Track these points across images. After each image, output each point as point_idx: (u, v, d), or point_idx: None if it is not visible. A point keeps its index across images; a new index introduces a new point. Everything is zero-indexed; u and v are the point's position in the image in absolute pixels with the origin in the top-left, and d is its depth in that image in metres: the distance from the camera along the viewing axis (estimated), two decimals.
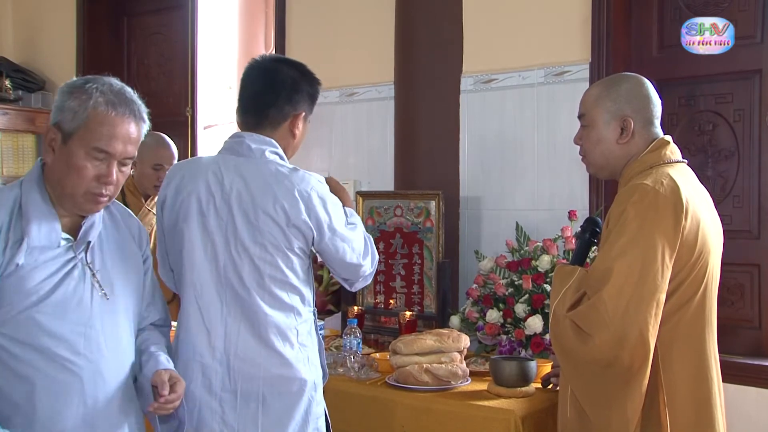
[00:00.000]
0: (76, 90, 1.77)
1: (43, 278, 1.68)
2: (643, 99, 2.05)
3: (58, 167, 1.74)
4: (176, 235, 2.15)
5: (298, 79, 2.23)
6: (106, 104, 1.76)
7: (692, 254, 1.89)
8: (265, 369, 2.07)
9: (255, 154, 2.14)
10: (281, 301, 2.09)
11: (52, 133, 1.74)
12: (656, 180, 1.91)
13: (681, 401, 1.90)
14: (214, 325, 2.09)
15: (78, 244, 1.76)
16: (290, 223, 2.06)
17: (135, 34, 5.06)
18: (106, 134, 1.74)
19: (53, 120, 1.76)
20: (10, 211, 1.70)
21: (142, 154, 3.49)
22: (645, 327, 1.82)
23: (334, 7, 3.94)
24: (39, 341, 1.67)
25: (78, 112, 1.73)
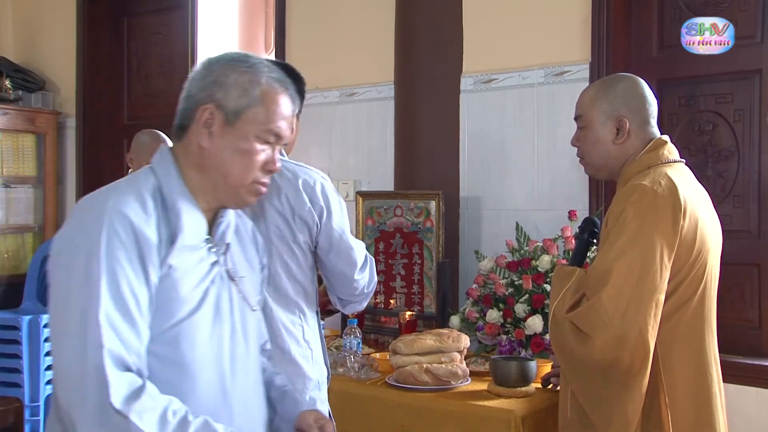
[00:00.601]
0: (239, 63, 1.51)
1: (194, 284, 1.43)
2: (638, 99, 2.05)
3: (219, 152, 1.47)
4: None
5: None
6: (277, 81, 1.52)
7: (691, 254, 1.89)
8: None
9: None
10: (287, 297, 2.11)
11: (208, 112, 1.46)
12: (654, 180, 1.91)
13: (681, 401, 1.90)
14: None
15: (218, 245, 1.51)
16: (295, 215, 2.08)
17: (135, 34, 5.06)
18: (278, 115, 1.50)
19: (208, 97, 1.47)
20: (156, 202, 1.43)
21: (140, 151, 3.53)
22: (645, 327, 1.82)
23: (334, 7, 3.94)
24: (192, 362, 1.41)
25: (248, 88, 1.48)
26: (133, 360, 1.32)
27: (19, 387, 4.30)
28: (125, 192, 1.42)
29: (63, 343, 1.32)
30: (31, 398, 4.27)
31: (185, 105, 1.51)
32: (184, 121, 1.51)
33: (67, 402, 1.31)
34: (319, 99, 3.89)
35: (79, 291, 1.32)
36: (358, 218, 3.40)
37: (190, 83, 1.52)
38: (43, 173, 5.02)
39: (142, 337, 1.35)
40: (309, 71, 3.99)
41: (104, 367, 1.27)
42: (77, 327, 1.29)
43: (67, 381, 1.31)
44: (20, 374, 4.27)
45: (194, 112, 1.48)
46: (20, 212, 4.98)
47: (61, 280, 1.35)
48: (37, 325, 4.27)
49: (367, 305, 3.28)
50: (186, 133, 1.51)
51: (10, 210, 4.92)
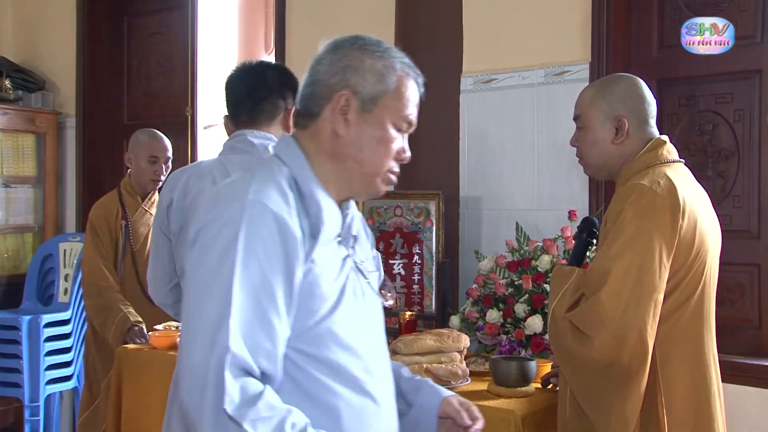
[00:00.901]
0: (373, 48, 1.45)
1: (332, 279, 1.38)
2: (637, 99, 2.05)
3: (355, 140, 1.42)
4: (185, 236, 2.13)
5: (283, 75, 2.27)
6: (409, 68, 1.48)
7: (690, 254, 1.89)
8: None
9: (258, 150, 2.15)
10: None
11: (344, 98, 1.41)
12: (653, 180, 1.91)
13: (679, 401, 1.90)
14: None
15: (347, 238, 1.46)
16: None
17: (135, 34, 5.06)
18: (412, 102, 1.47)
19: (342, 83, 1.42)
20: (293, 193, 1.36)
21: (137, 149, 3.54)
22: (644, 327, 1.82)
23: (334, 7, 3.94)
24: (338, 360, 1.36)
25: (385, 74, 1.43)
26: (262, 364, 1.27)
27: (18, 387, 4.30)
28: (265, 182, 1.34)
29: (192, 340, 1.27)
30: (31, 398, 4.28)
31: (312, 90, 1.45)
32: (313, 107, 1.44)
33: (189, 401, 1.26)
34: None
35: (213, 288, 1.27)
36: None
37: (316, 67, 1.47)
38: (43, 173, 5.03)
39: (278, 339, 1.29)
40: None
41: (224, 370, 1.22)
42: (208, 326, 1.25)
43: (190, 380, 1.26)
44: (20, 374, 4.28)
45: (326, 99, 1.42)
46: (20, 212, 4.98)
47: (197, 275, 1.30)
48: (37, 325, 4.28)
49: None
50: (315, 120, 1.44)
51: (10, 210, 4.92)
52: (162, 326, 3.28)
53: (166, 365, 2.97)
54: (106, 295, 3.36)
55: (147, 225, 3.56)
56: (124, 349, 3.14)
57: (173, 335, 3.12)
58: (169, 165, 3.59)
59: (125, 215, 3.53)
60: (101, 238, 3.48)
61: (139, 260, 3.51)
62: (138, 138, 3.59)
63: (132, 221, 3.53)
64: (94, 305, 3.39)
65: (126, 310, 3.31)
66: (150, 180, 3.54)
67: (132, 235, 3.51)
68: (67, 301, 4.54)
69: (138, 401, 3.02)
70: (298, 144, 1.44)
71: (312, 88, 1.45)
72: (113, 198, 3.58)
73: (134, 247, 3.52)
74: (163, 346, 3.08)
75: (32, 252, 4.93)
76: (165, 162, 3.56)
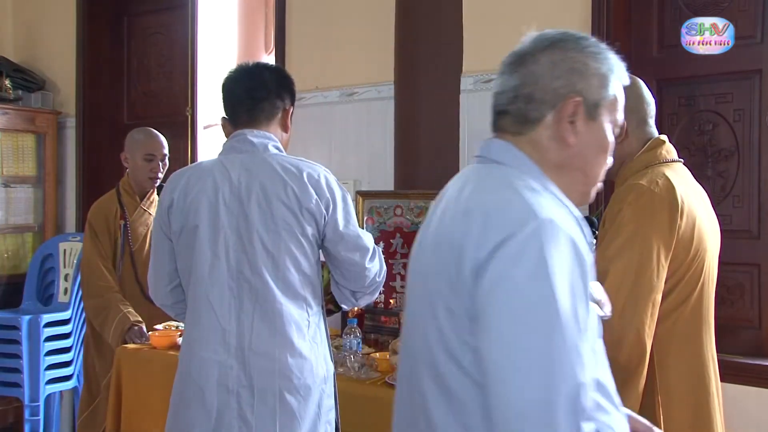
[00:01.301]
0: (594, 49, 1.36)
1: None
2: (635, 99, 2.05)
3: (583, 149, 1.33)
4: (186, 236, 2.15)
5: (280, 77, 2.30)
6: (623, 70, 1.40)
7: (688, 253, 1.89)
8: (281, 362, 2.07)
9: (258, 149, 2.17)
10: (295, 291, 2.11)
11: (573, 105, 1.31)
12: (651, 180, 1.91)
13: (678, 401, 1.90)
14: (227, 321, 2.09)
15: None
16: (302, 207, 2.10)
17: (135, 34, 5.06)
18: (622, 105, 1.40)
19: (568, 87, 1.31)
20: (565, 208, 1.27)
21: (133, 148, 3.54)
22: (642, 327, 1.82)
23: (334, 7, 3.94)
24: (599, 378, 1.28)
25: (607, 78, 1.35)
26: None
27: (18, 387, 4.30)
28: (536, 195, 1.23)
29: (518, 375, 1.12)
30: (31, 398, 4.28)
31: (531, 92, 1.33)
32: (532, 112, 1.32)
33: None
34: (319, 99, 3.89)
35: (530, 315, 1.13)
36: (359, 218, 3.40)
37: (530, 67, 1.34)
38: (43, 173, 5.03)
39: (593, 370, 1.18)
40: (309, 71, 4.01)
41: (578, 410, 1.10)
42: (539, 360, 1.11)
43: (521, 420, 1.11)
44: (20, 374, 4.27)
45: (551, 104, 1.31)
46: (20, 212, 4.98)
47: (504, 302, 1.15)
48: (37, 325, 4.28)
49: (367, 305, 3.31)
50: (534, 126, 1.33)
51: (10, 210, 4.92)
52: (162, 326, 3.28)
53: (166, 365, 2.97)
54: (106, 295, 3.36)
55: (146, 225, 3.56)
56: (124, 349, 3.14)
57: (173, 335, 3.12)
58: (166, 162, 3.58)
59: (124, 215, 3.52)
60: (100, 238, 3.47)
61: (138, 260, 3.51)
62: (133, 137, 3.59)
63: (131, 221, 3.52)
64: (94, 305, 3.38)
65: (126, 310, 3.30)
66: (147, 178, 3.54)
67: (131, 235, 3.51)
68: (67, 301, 4.54)
69: (138, 401, 3.02)
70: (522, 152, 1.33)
71: (530, 89, 1.32)
72: (112, 198, 3.58)
73: (133, 247, 3.51)
74: (163, 345, 3.08)
75: (32, 252, 4.93)
76: (161, 159, 3.55)
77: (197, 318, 2.13)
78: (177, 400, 2.18)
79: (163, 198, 2.23)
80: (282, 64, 4.08)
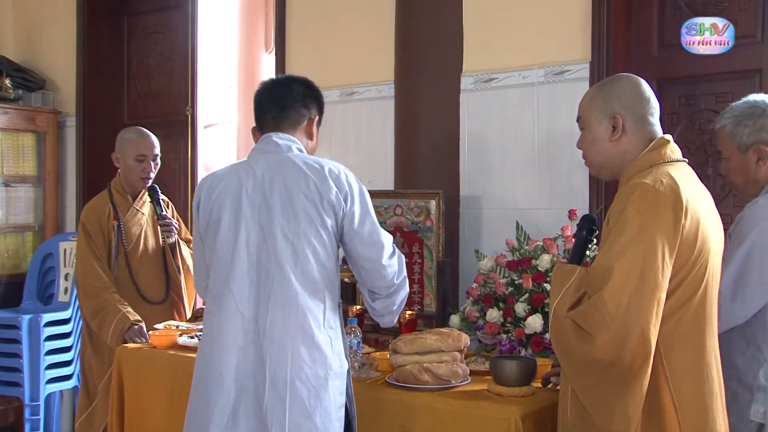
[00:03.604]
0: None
1: None
2: (632, 96, 2.05)
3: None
4: (211, 229, 2.26)
5: (308, 88, 2.45)
6: None
7: (692, 253, 1.89)
8: (294, 351, 2.13)
9: (282, 149, 2.30)
10: (313, 281, 2.18)
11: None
12: (656, 179, 1.91)
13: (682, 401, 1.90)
14: (245, 308, 2.17)
15: None
16: (323, 199, 2.19)
17: (135, 34, 5.06)
18: None
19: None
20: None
21: (124, 148, 3.53)
22: (646, 326, 1.82)
23: (334, 7, 3.94)
24: None
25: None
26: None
27: (19, 386, 4.31)
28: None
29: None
30: (31, 397, 4.28)
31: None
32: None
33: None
34: None
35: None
36: None
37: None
38: (43, 172, 5.03)
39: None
40: (309, 71, 3.98)
41: None
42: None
43: None
44: (20, 373, 4.28)
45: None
46: (20, 211, 4.98)
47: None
48: (37, 324, 4.28)
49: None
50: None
51: (10, 209, 4.93)
52: (162, 325, 3.28)
53: (167, 365, 2.98)
54: (103, 296, 3.34)
55: (139, 225, 3.55)
56: (125, 349, 3.14)
57: (173, 335, 3.12)
58: (158, 162, 3.56)
59: (117, 215, 3.50)
60: (94, 239, 3.45)
61: (133, 260, 3.50)
62: (124, 137, 3.57)
63: (124, 221, 3.50)
64: (91, 306, 3.36)
65: (125, 309, 3.30)
66: (139, 178, 3.52)
67: (125, 235, 3.49)
68: (67, 301, 4.54)
69: (139, 400, 3.02)
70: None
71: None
72: (104, 199, 3.55)
73: (127, 247, 3.49)
74: (163, 345, 3.08)
75: (32, 251, 4.93)
76: (153, 159, 3.52)
77: (218, 306, 2.21)
78: (197, 385, 2.25)
79: (194, 197, 2.37)
80: (282, 63, 4.09)
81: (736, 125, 2.36)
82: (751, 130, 2.34)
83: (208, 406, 2.17)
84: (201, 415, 2.19)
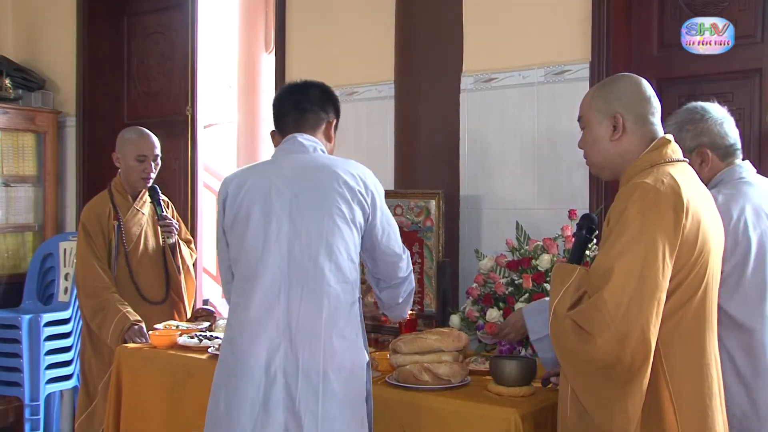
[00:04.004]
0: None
1: None
2: (633, 96, 2.06)
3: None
4: (239, 224, 2.30)
5: (325, 93, 2.52)
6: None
7: (692, 253, 1.89)
8: (327, 342, 2.18)
9: (308, 149, 2.40)
10: (344, 275, 2.25)
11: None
12: (657, 179, 1.91)
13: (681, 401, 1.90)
14: (277, 301, 2.21)
15: None
16: (354, 197, 2.29)
17: (135, 33, 5.06)
18: None
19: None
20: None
21: (125, 148, 3.53)
22: (647, 326, 1.82)
23: (334, 7, 3.94)
24: None
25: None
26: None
27: (19, 386, 4.31)
28: None
29: None
30: (31, 397, 4.28)
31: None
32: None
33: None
34: None
35: None
36: None
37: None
38: (43, 172, 5.03)
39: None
40: (309, 71, 4.00)
41: None
42: None
43: None
44: (20, 373, 4.28)
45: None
46: (20, 211, 4.98)
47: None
48: (37, 324, 4.28)
49: (367, 304, 3.31)
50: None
51: (10, 209, 4.93)
52: (162, 325, 3.28)
53: (166, 365, 2.98)
54: (103, 296, 3.34)
55: (139, 225, 3.54)
56: (124, 349, 3.14)
57: (173, 334, 3.12)
58: (158, 163, 3.56)
59: (117, 215, 3.49)
60: (94, 239, 3.45)
61: (133, 260, 3.50)
62: (125, 137, 3.56)
63: (124, 221, 3.50)
64: (91, 306, 3.36)
65: (125, 309, 3.30)
66: (140, 179, 3.52)
67: (125, 236, 3.49)
68: (67, 300, 4.54)
69: (138, 401, 3.02)
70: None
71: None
72: (104, 198, 3.55)
73: (127, 248, 3.49)
74: (163, 345, 3.08)
75: (32, 251, 4.93)
76: (154, 160, 3.52)
77: (248, 299, 2.24)
78: (225, 377, 2.26)
79: (219, 195, 2.40)
80: (282, 63, 4.09)
81: (679, 131, 2.42)
82: (693, 135, 2.43)
83: (237, 398, 2.20)
84: (229, 406, 2.22)
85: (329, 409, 2.16)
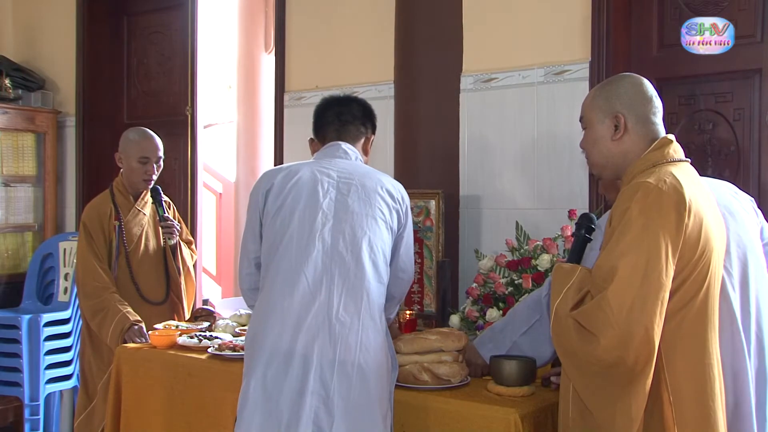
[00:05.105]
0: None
1: None
2: (635, 96, 2.05)
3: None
4: (282, 215, 2.36)
5: (365, 108, 2.65)
6: None
7: (695, 253, 1.89)
8: (363, 335, 2.25)
9: (350, 156, 2.50)
10: (381, 275, 2.34)
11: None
12: (659, 178, 1.91)
13: (683, 400, 1.90)
14: (318, 292, 2.27)
15: None
16: (394, 204, 2.40)
17: (135, 33, 5.06)
18: None
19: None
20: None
21: (128, 149, 3.52)
22: (650, 326, 1.81)
23: (333, 7, 3.94)
24: None
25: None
26: None
27: (18, 386, 4.30)
28: None
29: None
30: (31, 397, 4.28)
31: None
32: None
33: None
34: (319, 98, 3.86)
35: None
36: None
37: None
38: (42, 172, 5.03)
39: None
40: (309, 70, 4.01)
41: None
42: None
43: None
44: (20, 373, 4.28)
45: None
46: (20, 211, 4.98)
47: None
48: (36, 324, 4.28)
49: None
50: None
51: (9, 209, 4.93)
52: (162, 325, 3.28)
53: (166, 365, 2.97)
54: (103, 296, 3.34)
55: (140, 225, 3.54)
56: (124, 349, 3.13)
57: (173, 334, 3.12)
58: (161, 164, 3.55)
59: (118, 216, 3.49)
60: (94, 239, 3.44)
61: (133, 260, 3.49)
62: (128, 137, 3.55)
63: (125, 221, 3.49)
64: (91, 306, 3.35)
65: (125, 309, 3.29)
66: (142, 180, 3.51)
67: (125, 236, 3.48)
68: (66, 300, 4.54)
69: (137, 401, 3.02)
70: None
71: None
72: (105, 198, 3.55)
73: (128, 248, 3.48)
74: (162, 345, 3.08)
75: (32, 251, 4.93)
76: (156, 162, 3.51)
77: (291, 287, 2.29)
78: (259, 363, 2.28)
79: (260, 186, 2.45)
80: (282, 63, 4.09)
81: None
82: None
83: (276, 384, 2.24)
84: (267, 392, 2.25)
85: (359, 400, 2.21)
